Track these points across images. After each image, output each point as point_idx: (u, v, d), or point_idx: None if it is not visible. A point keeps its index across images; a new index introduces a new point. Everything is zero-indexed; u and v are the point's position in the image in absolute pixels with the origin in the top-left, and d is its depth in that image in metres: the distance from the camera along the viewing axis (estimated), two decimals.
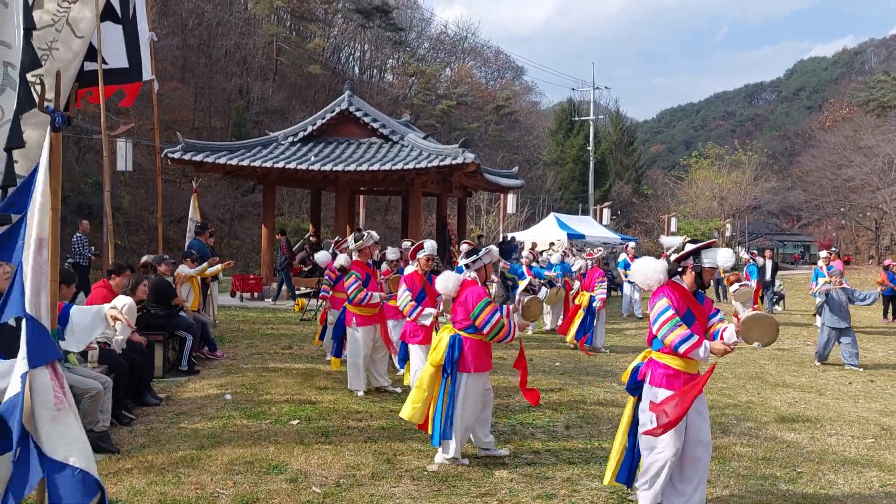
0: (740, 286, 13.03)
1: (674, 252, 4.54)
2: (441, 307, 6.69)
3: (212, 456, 5.40)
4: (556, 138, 53.80)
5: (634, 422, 4.52)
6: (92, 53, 8.25)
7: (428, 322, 6.75)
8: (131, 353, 6.67)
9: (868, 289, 13.76)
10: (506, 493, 4.85)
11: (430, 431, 5.41)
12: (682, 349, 4.19)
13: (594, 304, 10.91)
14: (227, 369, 8.71)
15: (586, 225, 29.27)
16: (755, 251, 18.84)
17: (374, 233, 8.08)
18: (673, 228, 35.35)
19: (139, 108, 21.73)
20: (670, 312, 4.27)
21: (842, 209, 48.65)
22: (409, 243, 9.29)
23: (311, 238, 18.30)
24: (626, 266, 13.53)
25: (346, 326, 7.74)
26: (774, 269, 17.27)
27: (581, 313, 10.97)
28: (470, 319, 5.29)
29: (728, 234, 41.59)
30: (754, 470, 5.44)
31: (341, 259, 8.19)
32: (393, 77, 50.31)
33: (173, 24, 33.21)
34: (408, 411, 5.44)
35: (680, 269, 4.46)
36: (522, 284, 11.62)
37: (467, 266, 5.52)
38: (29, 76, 6.76)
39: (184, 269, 9.62)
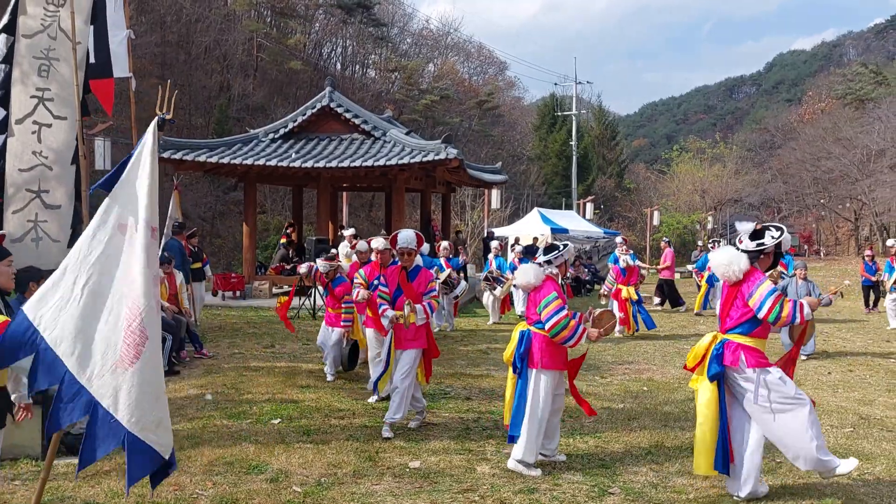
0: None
1: (750, 238, 4.71)
2: (408, 310, 6.01)
3: (191, 457, 5.35)
4: (539, 133, 53.93)
5: (722, 409, 4.58)
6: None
7: (386, 323, 6.13)
8: None
9: (851, 278, 13.91)
10: (487, 488, 4.85)
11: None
12: (798, 318, 4.48)
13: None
14: (208, 369, 8.65)
15: (570, 219, 29.33)
16: (714, 242, 19.02)
17: (380, 239, 7.80)
18: (655, 222, 35.59)
19: (117, 105, 21.46)
20: (777, 291, 4.50)
21: (822, 201, 49.14)
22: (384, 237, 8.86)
23: (287, 230, 18.03)
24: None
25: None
26: None
27: (630, 307, 12.22)
28: (538, 314, 5.14)
29: (710, 226, 41.93)
30: None
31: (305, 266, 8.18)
32: (375, 73, 50.12)
33: (151, 21, 32.89)
34: (507, 417, 5.36)
35: (762, 254, 4.68)
36: (442, 276, 11.43)
37: (548, 262, 5.32)
38: (34, 90, 6.68)
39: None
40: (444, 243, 12.87)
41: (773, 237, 4.66)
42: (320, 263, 8.51)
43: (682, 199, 48.16)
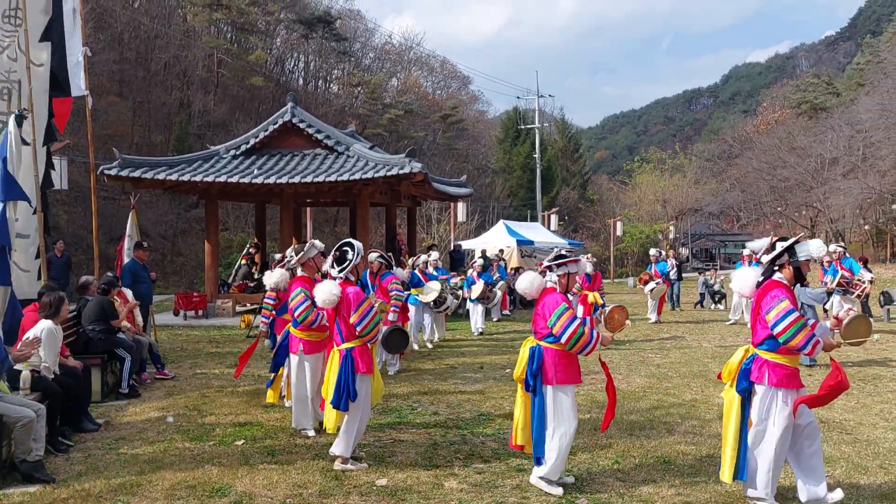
0: (656, 284, 15.73)
1: (764, 253, 4.76)
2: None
3: (152, 481, 5.22)
4: (503, 146, 54.41)
5: (743, 420, 4.66)
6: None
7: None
8: (66, 378, 6.43)
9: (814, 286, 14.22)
10: (456, 503, 4.82)
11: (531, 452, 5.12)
12: (807, 349, 4.44)
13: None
14: (170, 391, 8.47)
15: (535, 231, 29.57)
16: (660, 251, 19.55)
17: (317, 242, 7.14)
18: (619, 232, 36.02)
19: (74, 124, 21.11)
20: (796, 314, 4.46)
21: (779, 209, 50.34)
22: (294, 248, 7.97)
23: (251, 250, 17.90)
24: None
25: (291, 353, 6.68)
26: (678, 269, 18.12)
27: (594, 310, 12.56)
28: (548, 328, 4.98)
29: (672, 235, 42.59)
30: (699, 468, 5.54)
31: (275, 276, 7.81)
32: (338, 87, 50.07)
33: (109, 38, 32.42)
34: (518, 437, 5.15)
35: (776, 268, 4.68)
36: (428, 297, 11.21)
37: (550, 269, 5.12)
38: None
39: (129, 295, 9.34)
40: (423, 257, 12.75)
41: (781, 246, 4.71)
42: (268, 279, 7.79)
43: (645, 209, 48.97)
